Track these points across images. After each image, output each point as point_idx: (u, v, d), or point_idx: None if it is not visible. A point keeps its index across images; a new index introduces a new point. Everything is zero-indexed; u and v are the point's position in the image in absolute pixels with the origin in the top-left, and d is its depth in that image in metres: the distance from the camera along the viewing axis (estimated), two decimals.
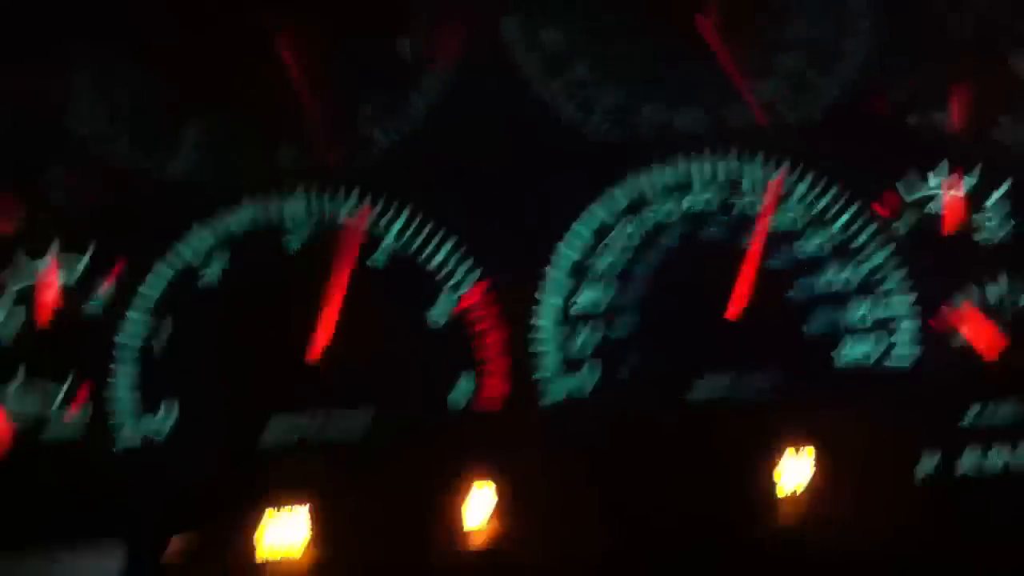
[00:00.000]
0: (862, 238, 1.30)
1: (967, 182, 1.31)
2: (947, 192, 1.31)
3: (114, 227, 1.24)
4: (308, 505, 1.18)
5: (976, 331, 1.27)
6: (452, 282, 1.26)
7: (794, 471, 1.22)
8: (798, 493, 1.21)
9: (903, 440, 1.23)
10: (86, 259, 1.24)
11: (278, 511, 1.18)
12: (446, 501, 1.18)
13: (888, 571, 1.17)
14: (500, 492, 1.19)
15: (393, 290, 1.26)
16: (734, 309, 1.26)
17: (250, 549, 1.18)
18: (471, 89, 1.33)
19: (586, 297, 1.27)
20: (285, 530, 1.18)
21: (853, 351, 1.27)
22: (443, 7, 1.35)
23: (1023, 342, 1.27)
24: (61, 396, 1.19)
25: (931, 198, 1.31)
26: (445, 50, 1.35)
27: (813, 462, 1.22)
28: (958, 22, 1.41)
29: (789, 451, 1.22)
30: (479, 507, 1.19)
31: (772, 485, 1.21)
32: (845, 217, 1.30)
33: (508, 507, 1.19)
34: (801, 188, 1.31)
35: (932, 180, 1.32)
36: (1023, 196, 1.30)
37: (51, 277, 1.22)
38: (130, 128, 1.30)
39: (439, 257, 1.27)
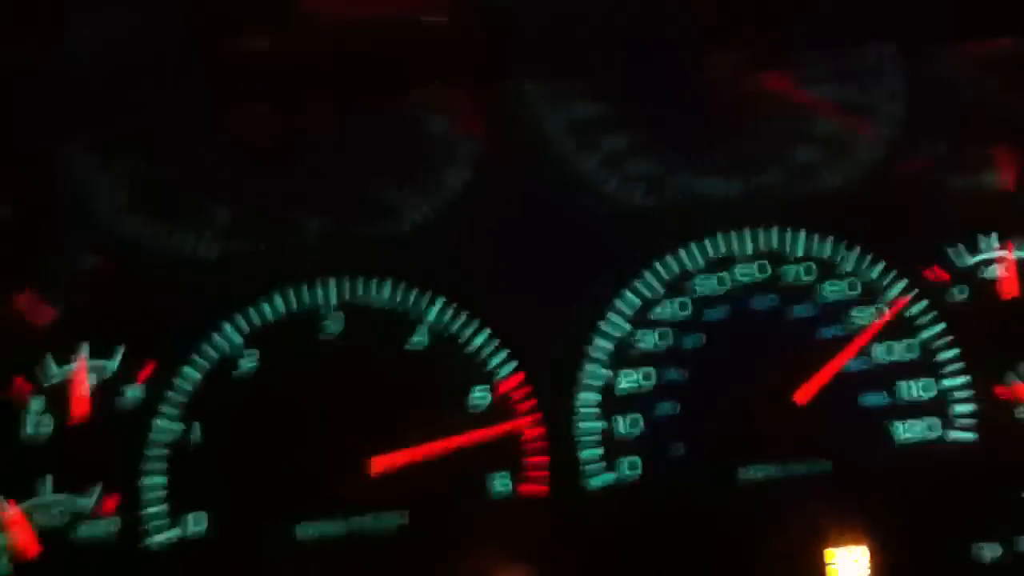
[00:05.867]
0: (915, 309, 1.25)
1: (1022, 244, 1.28)
2: (1003, 256, 1.27)
3: (144, 323, 1.23)
4: None
5: None
6: (489, 367, 1.23)
7: (850, 554, 1.17)
8: None
9: (964, 520, 1.18)
10: (117, 358, 1.23)
11: None
12: None
13: None
14: None
15: (434, 374, 1.23)
16: (803, 397, 1.22)
17: None
18: (501, 164, 1.33)
19: (630, 377, 1.23)
20: None
21: (911, 428, 1.22)
22: (459, 75, 1.34)
23: None
24: (93, 496, 1.17)
25: (986, 263, 1.28)
26: (472, 123, 1.33)
27: (869, 545, 1.17)
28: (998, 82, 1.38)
29: (844, 533, 1.17)
30: None
31: (825, 570, 1.16)
32: (897, 287, 1.25)
33: None
34: (849, 259, 1.27)
35: (984, 244, 1.28)
36: None
37: (81, 377, 1.21)
38: (156, 213, 1.29)
39: (475, 343, 1.24)
